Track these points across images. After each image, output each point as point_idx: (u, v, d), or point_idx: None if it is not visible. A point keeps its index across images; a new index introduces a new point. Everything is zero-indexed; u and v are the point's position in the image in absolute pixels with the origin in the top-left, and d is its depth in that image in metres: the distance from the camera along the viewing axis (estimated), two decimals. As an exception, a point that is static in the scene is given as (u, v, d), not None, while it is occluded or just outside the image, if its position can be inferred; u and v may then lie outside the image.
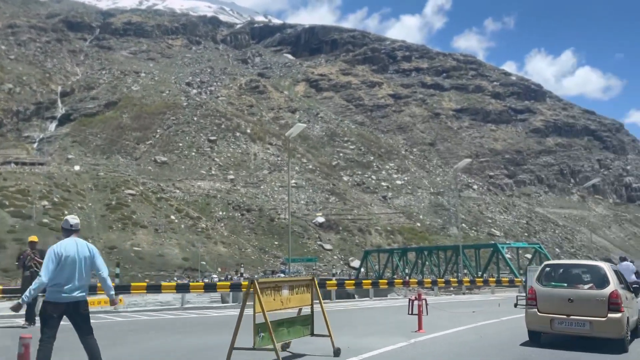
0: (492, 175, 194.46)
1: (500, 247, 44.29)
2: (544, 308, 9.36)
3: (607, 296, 8.90)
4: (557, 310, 9.21)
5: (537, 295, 9.52)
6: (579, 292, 9.24)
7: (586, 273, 9.87)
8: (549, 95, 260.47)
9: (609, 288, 9.06)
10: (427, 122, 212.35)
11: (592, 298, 9.04)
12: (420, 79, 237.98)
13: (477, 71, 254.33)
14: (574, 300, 9.10)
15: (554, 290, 9.45)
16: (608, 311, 8.83)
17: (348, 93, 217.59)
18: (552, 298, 9.36)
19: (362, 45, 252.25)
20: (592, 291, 9.15)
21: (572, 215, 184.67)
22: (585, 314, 8.98)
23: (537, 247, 47.22)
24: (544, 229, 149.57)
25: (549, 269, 10.26)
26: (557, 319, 9.17)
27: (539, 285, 9.70)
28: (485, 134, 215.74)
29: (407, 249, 60.80)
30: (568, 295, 9.18)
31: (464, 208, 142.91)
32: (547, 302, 9.37)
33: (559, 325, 9.18)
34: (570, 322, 9.06)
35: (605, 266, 9.81)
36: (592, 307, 8.95)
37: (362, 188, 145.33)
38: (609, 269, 9.64)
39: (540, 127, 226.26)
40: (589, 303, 9.02)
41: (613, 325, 8.82)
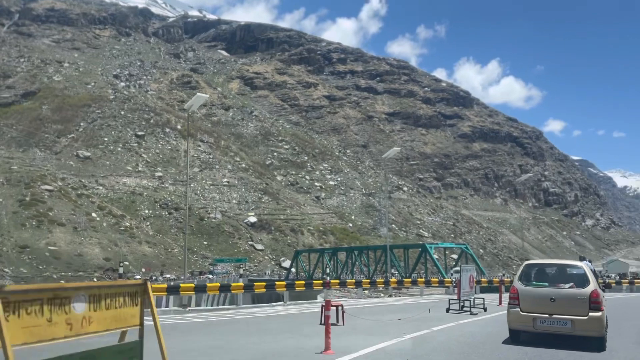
0: (422, 178, 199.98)
1: (429, 248, 44.72)
2: (526, 307, 9.40)
3: (588, 295, 9.01)
4: (539, 309, 9.26)
5: (520, 295, 9.55)
6: (560, 291, 9.29)
7: (566, 272, 9.93)
8: (476, 102, 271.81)
9: (589, 287, 9.16)
10: (361, 124, 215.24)
11: (574, 297, 9.11)
12: (355, 81, 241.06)
13: (410, 76, 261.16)
14: (556, 299, 9.17)
15: (536, 289, 9.50)
16: (589, 310, 8.92)
17: (283, 92, 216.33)
18: (535, 297, 9.40)
19: (298, 46, 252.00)
20: (574, 290, 9.22)
21: (495, 217, 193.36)
22: (566, 312, 9.06)
23: (464, 248, 48.21)
24: (470, 231, 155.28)
25: (530, 269, 10.24)
26: (539, 317, 9.22)
27: (521, 285, 9.71)
28: (416, 137, 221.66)
29: (337, 249, 60.38)
30: (550, 295, 9.24)
31: (394, 209, 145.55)
32: (530, 301, 9.42)
33: (541, 324, 9.23)
34: (552, 320, 9.12)
35: (585, 266, 9.91)
36: (574, 306, 9.03)
37: (296, 188, 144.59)
38: (588, 269, 9.76)
39: (467, 132, 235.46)
40: (571, 302, 9.09)
41: (594, 323, 8.91)
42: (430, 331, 11.80)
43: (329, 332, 9.24)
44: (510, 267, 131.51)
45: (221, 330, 13.32)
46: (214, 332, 12.79)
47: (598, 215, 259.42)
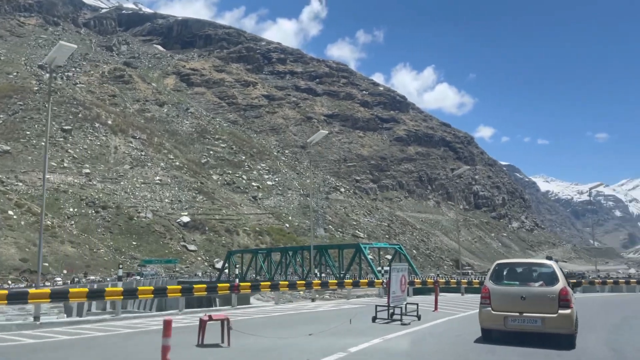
0: (359, 180, 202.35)
1: (363, 248, 44.59)
2: (498, 306, 9.45)
3: (557, 293, 9.09)
4: (510, 308, 9.32)
5: (491, 294, 9.59)
6: (530, 289, 9.35)
7: (536, 271, 9.95)
8: (411, 107, 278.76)
9: (558, 285, 9.23)
10: (300, 125, 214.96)
11: (544, 295, 9.17)
12: (295, 82, 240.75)
13: (349, 79, 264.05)
14: (526, 297, 9.23)
15: (507, 288, 9.56)
16: (559, 307, 9.01)
17: (221, 90, 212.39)
18: (506, 296, 9.45)
19: (237, 44, 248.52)
20: (543, 288, 9.27)
21: (428, 219, 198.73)
22: (537, 311, 9.12)
23: (397, 248, 48.52)
24: (403, 232, 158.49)
25: (501, 268, 10.21)
26: (510, 316, 9.28)
27: (492, 284, 9.74)
28: (353, 139, 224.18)
29: (271, 250, 59.20)
30: (520, 293, 9.31)
31: (331, 210, 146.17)
32: (501, 300, 9.46)
33: (512, 323, 9.28)
34: (523, 319, 9.19)
35: (554, 264, 9.90)
36: (544, 304, 9.10)
37: (232, 187, 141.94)
38: (557, 267, 9.77)
39: (403, 136, 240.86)
40: (541, 300, 9.15)
41: (563, 321, 8.99)
42: (345, 355, 8.64)
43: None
44: (442, 267, 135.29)
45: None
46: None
47: (523, 218, 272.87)
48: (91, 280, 64.39)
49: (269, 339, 10.38)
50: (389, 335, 11.00)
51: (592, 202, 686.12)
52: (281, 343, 9.96)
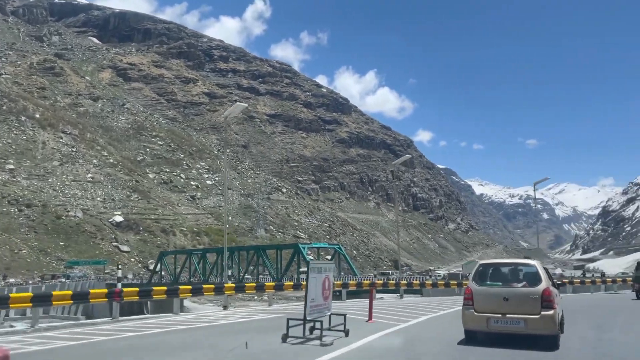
0: (301, 180, 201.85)
1: (302, 248, 43.69)
2: (480, 307, 9.29)
3: (540, 293, 8.95)
4: (493, 309, 9.17)
5: (474, 295, 9.43)
6: (513, 290, 9.21)
7: (519, 271, 9.77)
8: (354, 110, 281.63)
9: (541, 285, 9.07)
10: (242, 124, 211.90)
11: (526, 296, 9.03)
12: (237, 80, 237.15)
13: (292, 80, 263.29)
14: (509, 298, 9.07)
15: (490, 289, 9.41)
16: (541, 308, 8.87)
17: (160, 86, 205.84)
18: (488, 297, 9.30)
19: (177, 39, 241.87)
20: (526, 289, 9.14)
21: (368, 220, 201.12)
22: (519, 312, 8.98)
23: (337, 248, 47.96)
24: (344, 232, 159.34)
25: (484, 268, 10.03)
26: (493, 317, 9.12)
27: (475, 285, 9.58)
28: (296, 140, 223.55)
29: (207, 250, 57.00)
30: (503, 294, 9.15)
31: (272, 210, 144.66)
32: (483, 301, 9.30)
33: (495, 324, 9.13)
34: (506, 320, 9.04)
35: (537, 264, 9.76)
36: (526, 305, 8.96)
37: (170, 187, 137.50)
38: (540, 267, 9.62)
39: (345, 138, 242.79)
40: (523, 301, 9.00)
41: (546, 322, 8.85)
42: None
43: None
44: (381, 268, 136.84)
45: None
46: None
47: (459, 220, 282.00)
48: (10, 284, 59.91)
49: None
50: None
51: (542, 204, 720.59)
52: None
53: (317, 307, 10.21)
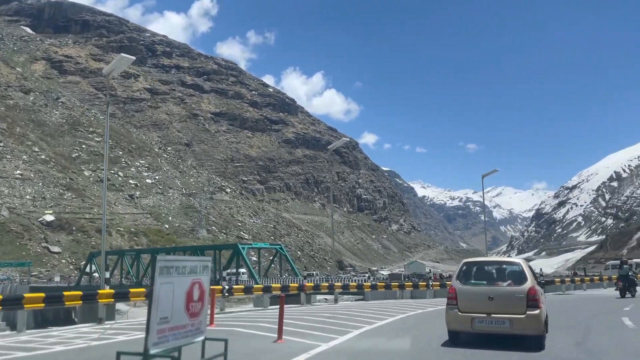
0: (246, 180, 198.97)
1: (242, 248, 42.14)
2: (465, 307, 9.00)
3: (525, 292, 8.68)
4: (478, 308, 8.89)
5: (458, 294, 9.13)
6: (498, 289, 8.95)
7: (504, 270, 9.49)
8: (300, 110, 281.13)
9: (527, 284, 8.81)
10: (185, 121, 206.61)
11: (511, 295, 8.76)
12: (181, 77, 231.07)
13: (238, 78, 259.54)
14: (494, 298, 8.81)
15: (474, 288, 9.13)
16: (527, 308, 8.60)
17: (98, 80, 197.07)
18: (472, 297, 9.03)
19: (118, 32, 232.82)
20: (511, 288, 8.88)
21: (313, 221, 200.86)
22: (504, 311, 8.72)
23: (278, 248, 46.79)
24: (289, 233, 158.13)
25: (468, 267, 9.69)
26: (478, 317, 8.84)
27: (459, 284, 9.27)
28: (241, 139, 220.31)
29: (141, 251, 54.16)
30: (488, 293, 8.89)
31: (215, 211, 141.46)
32: (468, 300, 9.02)
33: (480, 325, 8.83)
34: (491, 320, 8.76)
35: (522, 262, 9.48)
36: (512, 304, 8.69)
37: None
38: (526, 265, 9.34)
39: (291, 138, 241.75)
40: (508, 300, 8.74)
41: (532, 321, 8.58)
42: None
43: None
44: (325, 269, 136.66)
45: None
46: None
47: (402, 221, 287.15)
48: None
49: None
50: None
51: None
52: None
53: (174, 330, 5.45)
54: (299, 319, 13.85)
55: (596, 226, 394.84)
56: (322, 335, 10.72)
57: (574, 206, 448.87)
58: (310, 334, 10.91)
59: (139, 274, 47.36)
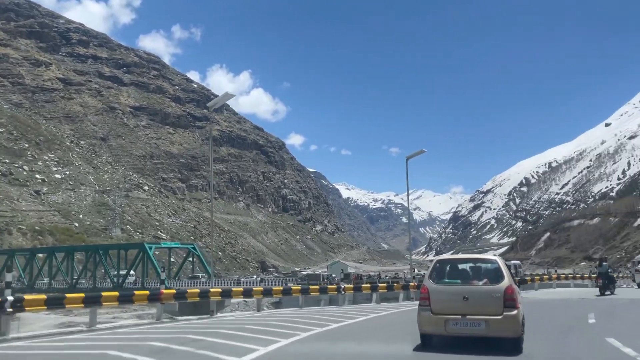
0: (166, 178, 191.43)
1: (148, 247, 39.06)
2: (438, 308, 8.44)
3: (502, 292, 8.16)
4: (452, 309, 8.33)
5: (430, 294, 8.56)
6: (473, 288, 8.42)
7: (480, 268, 8.96)
8: (226, 108, 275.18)
9: (504, 283, 8.28)
10: (101, 114, 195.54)
11: (487, 294, 8.25)
12: (98, 68, 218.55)
13: (160, 72, 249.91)
14: (469, 297, 8.27)
15: (448, 287, 8.61)
16: (504, 308, 8.08)
17: (4, 67, 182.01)
18: (446, 297, 8.48)
19: (28, 17, 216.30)
20: (487, 287, 8.36)
21: (237, 221, 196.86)
22: (480, 312, 8.19)
23: (191, 248, 44.12)
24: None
25: (441, 265, 9.15)
26: (452, 319, 8.29)
27: (431, 283, 8.71)
28: (162, 135, 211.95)
29: (36, 251, 49.22)
30: (462, 293, 8.35)
31: (131, 209, 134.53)
32: (441, 301, 8.46)
33: (454, 327, 8.28)
34: (466, 322, 8.21)
35: (499, 259, 8.91)
36: (488, 305, 8.16)
37: (9, 179, 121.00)
38: (502, 263, 8.79)
39: (216, 136, 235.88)
40: (484, 300, 8.22)
41: (509, 323, 8.05)
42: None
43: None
44: (247, 270, 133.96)
45: None
46: None
47: (326, 222, 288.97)
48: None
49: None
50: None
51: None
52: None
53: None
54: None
55: (507, 228, 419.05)
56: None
57: (487, 209, 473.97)
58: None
59: (32, 275, 42.86)
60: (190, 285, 40.44)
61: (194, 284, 36.76)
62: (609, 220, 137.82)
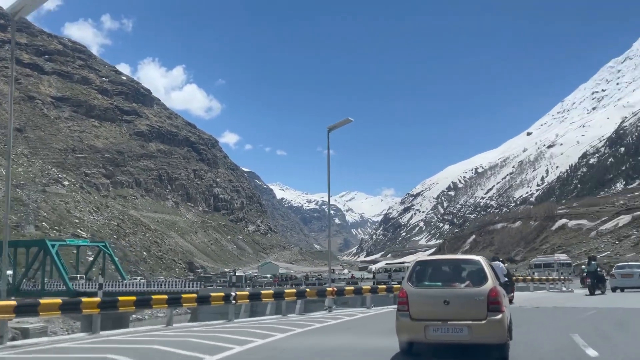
0: (89, 173, 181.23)
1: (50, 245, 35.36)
2: (417, 313, 7.83)
3: (486, 294, 7.62)
4: (432, 314, 7.75)
5: (409, 299, 7.95)
6: (455, 291, 7.84)
7: (462, 269, 8.36)
8: (156, 102, 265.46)
9: (487, 285, 7.73)
10: (18, 104, 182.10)
11: (470, 297, 7.70)
12: (16, 54, 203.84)
13: (86, 62, 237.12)
14: (450, 301, 7.70)
15: (428, 291, 8.01)
16: (488, 312, 7.52)
17: None
18: (426, 301, 7.90)
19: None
20: (470, 289, 7.80)
21: (165, 219, 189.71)
22: (462, 317, 7.60)
23: (101, 246, 40.55)
24: (135, 232, 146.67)
25: (422, 267, 8.46)
26: (432, 325, 7.70)
27: (410, 287, 8.09)
28: (86, 128, 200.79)
29: None
30: (443, 296, 7.78)
31: (47, 205, 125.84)
32: (420, 305, 7.86)
33: (434, 333, 7.69)
34: (447, 328, 7.61)
35: (482, 260, 8.33)
36: (470, 309, 7.62)
37: None
38: (486, 263, 8.24)
39: (144, 131, 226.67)
40: (467, 304, 7.67)
41: (494, 328, 7.47)
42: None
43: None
44: (173, 271, 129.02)
45: None
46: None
47: (259, 222, 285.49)
48: None
49: None
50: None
51: (337, 210, 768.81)
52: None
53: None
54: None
55: (435, 231, 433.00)
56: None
57: (417, 212, 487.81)
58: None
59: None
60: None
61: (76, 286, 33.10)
62: (530, 224, 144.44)
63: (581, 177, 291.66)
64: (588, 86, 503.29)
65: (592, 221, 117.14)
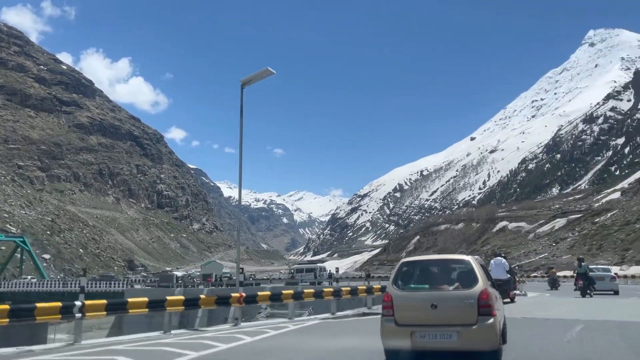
0: (22, 166, 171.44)
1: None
2: (403, 318, 7.32)
3: (476, 297, 7.13)
4: (419, 319, 7.25)
5: (394, 303, 7.43)
6: (443, 294, 7.35)
7: (450, 270, 7.86)
8: (99, 94, 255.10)
9: (477, 287, 7.23)
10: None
11: (459, 301, 7.19)
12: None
13: (23, 49, 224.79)
14: (438, 305, 7.18)
15: (414, 294, 7.49)
16: (478, 316, 7.02)
17: None
18: (412, 304, 7.38)
19: None
20: (459, 292, 7.31)
21: (104, 216, 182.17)
22: (451, 322, 7.12)
23: (19, 241, 37.64)
24: (72, 228, 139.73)
25: (408, 268, 7.94)
26: (419, 331, 7.19)
27: (396, 290, 7.58)
28: (21, 118, 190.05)
29: None
30: (431, 300, 7.26)
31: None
32: (406, 310, 7.36)
33: (421, 339, 7.16)
34: (435, 333, 7.12)
35: (472, 259, 7.83)
36: (459, 312, 7.11)
37: None
38: (476, 263, 7.74)
39: (85, 123, 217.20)
40: (456, 307, 7.16)
41: (485, 333, 6.96)
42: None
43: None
44: (111, 269, 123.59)
45: None
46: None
47: (204, 220, 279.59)
48: None
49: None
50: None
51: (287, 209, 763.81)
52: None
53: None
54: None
55: (381, 231, 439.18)
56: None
57: (364, 213, 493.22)
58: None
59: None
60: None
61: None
62: (472, 226, 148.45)
63: (520, 182, 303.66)
64: (528, 95, 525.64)
65: (531, 224, 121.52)
